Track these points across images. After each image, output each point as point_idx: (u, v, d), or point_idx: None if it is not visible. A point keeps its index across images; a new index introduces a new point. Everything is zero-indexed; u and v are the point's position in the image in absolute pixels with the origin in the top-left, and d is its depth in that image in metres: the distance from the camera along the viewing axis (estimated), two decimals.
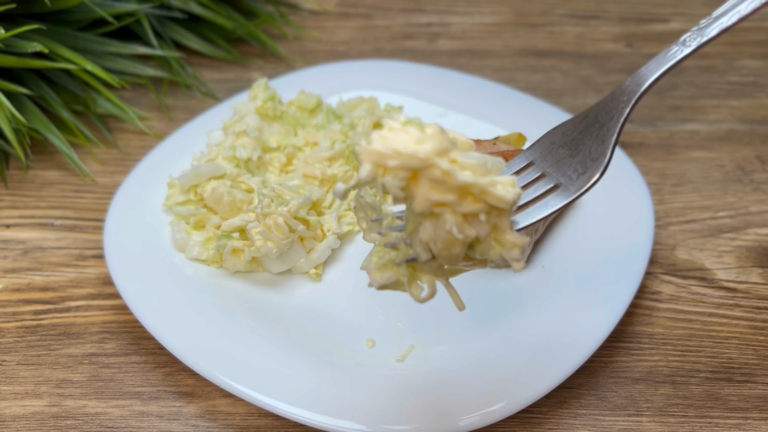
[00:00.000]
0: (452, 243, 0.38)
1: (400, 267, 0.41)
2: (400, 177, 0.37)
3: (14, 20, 0.67)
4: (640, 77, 0.41)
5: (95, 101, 0.72)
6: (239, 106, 0.66)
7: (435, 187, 0.37)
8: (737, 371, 0.54)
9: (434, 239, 0.38)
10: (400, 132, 0.38)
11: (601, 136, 0.41)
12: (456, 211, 0.37)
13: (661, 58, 0.42)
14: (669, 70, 0.41)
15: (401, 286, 0.41)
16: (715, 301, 0.58)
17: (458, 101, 0.70)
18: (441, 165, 0.37)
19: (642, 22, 0.85)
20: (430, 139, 0.37)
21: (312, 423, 0.49)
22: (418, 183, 0.37)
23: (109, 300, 0.58)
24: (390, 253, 0.41)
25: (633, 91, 0.41)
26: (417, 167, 0.37)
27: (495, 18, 0.86)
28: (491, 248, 0.39)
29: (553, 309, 0.54)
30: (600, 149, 0.41)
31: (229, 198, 0.58)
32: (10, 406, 0.52)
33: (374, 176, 0.37)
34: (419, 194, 0.37)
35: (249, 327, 0.54)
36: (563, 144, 0.42)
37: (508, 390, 0.50)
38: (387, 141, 0.37)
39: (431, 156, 0.37)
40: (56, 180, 0.68)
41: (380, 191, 0.37)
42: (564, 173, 0.42)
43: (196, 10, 0.77)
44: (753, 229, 0.63)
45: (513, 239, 0.38)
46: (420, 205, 0.37)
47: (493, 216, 0.38)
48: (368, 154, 0.37)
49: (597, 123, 0.42)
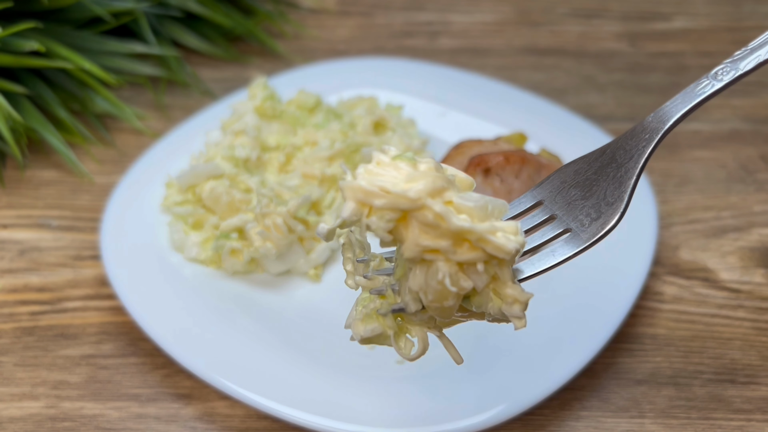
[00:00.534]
0: (445, 294, 0.34)
1: (386, 318, 0.37)
2: (387, 218, 0.33)
3: (11, 18, 0.67)
4: (664, 113, 0.38)
5: (93, 100, 0.71)
6: (238, 105, 0.65)
7: (427, 232, 0.33)
8: (740, 372, 0.53)
9: (425, 289, 0.34)
10: (390, 167, 0.34)
11: (618, 177, 0.37)
12: (450, 259, 0.33)
13: (689, 92, 0.38)
14: (697, 107, 0.37)
15: (386, 339, 0.37)
16: (718, 301, 0.58)
17: (459, 100, 0.69)
18: (434, 207, 0.32)
19: (644, 21, 0.85)
20: (422, 176, 0.33)
21: (311, 425, 0.48)
22: (407, 225, 0.33)
23: (107, 301, 0.58)
24: (375, 302, 0.37)
25: (656, 128, 0.37)
26: (407, 208, 0.33)
27: (496, 16, 0.85)
28: (490, 301, 0.35)
29: (555, 310, 0.54)
30: (617, 192, 0.37)
31: (228, 198, 0.58)
32: (6, 408, 0.52)
33: (359, 216, 0.33)
34: (409, 238, 0.33)
35: (247, 328, 0.54)
36: (575, 184, 0.38)
37: (510, 392, 0.49)
38: (374, 177, 0.33)
39: (423, 196, 0.33)
40: (53, 180, 0.67)
41: (365, 232, 0.34)
42: (575, 217, 0.37)
43: (195, 8, 0.77)
44: (756, 229, 0.62)
45: (515, 294, 0.35)
46: (409, 250, 0.33)
47: (492, 266, 0.34)
48: (352, 190, 0.33)
49: (614, 162, 0.38)
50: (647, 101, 0.74)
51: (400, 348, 0.37)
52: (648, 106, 0.74)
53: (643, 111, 0.73)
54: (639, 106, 0.74)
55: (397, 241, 0.34)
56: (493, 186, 0.55)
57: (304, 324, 0.55)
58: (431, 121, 0.68)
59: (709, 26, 0.84)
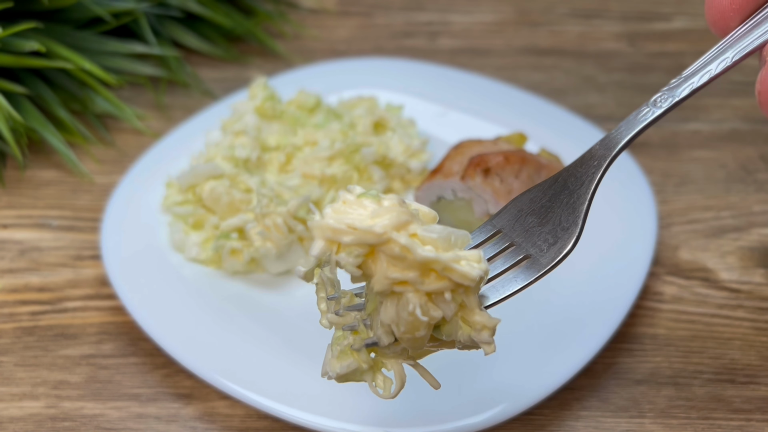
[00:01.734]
0: (416, 325, 0.35)
1: (360, 353, 0.38)
2: (355, 253, 0.35)
3: (11, 18, 0.67)
4: (610, 141, 0.39)
5: (93, 100, 0.71)
6: (238, 105, 0.65)
7: (394, 264, 0.34)
8: (740, 372, 0.53)
9: (396, 321, 0.35)
10: (355, 205, 0.35)
11: (571, 203, 0.39)
12: (419, 289, 0.35)
13: (632, 120, 0.40)
14: (640, 133, 0.39)
15: (362, 374, 0.38)
16: (718, 302, 0.58)
17: (459, 100, 0.69)
18: (399, 240, 0.34)
19: (644, 21, 0.85)
20: (387, 212, 0.35)
21: (311, 425, 0.48)
22: (375, 260, 0.35)
23: (107, 301, 0.58)
24: (348, 338, 0.38)
25: (603, 155, 0.39)
26: (374, 243, 0.34)
27: (496, 16, 0.85)
28: (459, 329, 0.36)
29: (555, 310, 0.54)
30: (571, 218, 0.39)
31: (228, 198, 0.58)
32: (6, 408, 0.52)
33: (328, 253, 0.35)
34: (378, 272, 0.35)
35: (248, 328, 0.54)
36: (531, 212, 0.40)
37: (510, 392, 0.49)
38: (341, 215, 0.35)
39: (388, 230, 0.34)
40: (53, 180, 0.67)
41: (335, 269, 0.35)
42: (534, 243, 0.39)
43: (195, 9, 0.77)
44: (756, 229, 0.62)
45: (482, 320, 0.36)
46: (379, 283, 0.35)
47: (459, 294, 0.35)
48: (321, 229, 0.35)
49: (567, 189, 0.39)
50: (647, 101, 0.74)
51: (376, 385, 0.38)
52: None
53: None
54: (639, 106, 0.74)
55: (367, 276, 0.36)
56: (492, 186, 0.55)
57: (304, 324, 0.55)
58: (431, 121, 0.68)
59: None
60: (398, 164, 0.62)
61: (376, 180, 0.62)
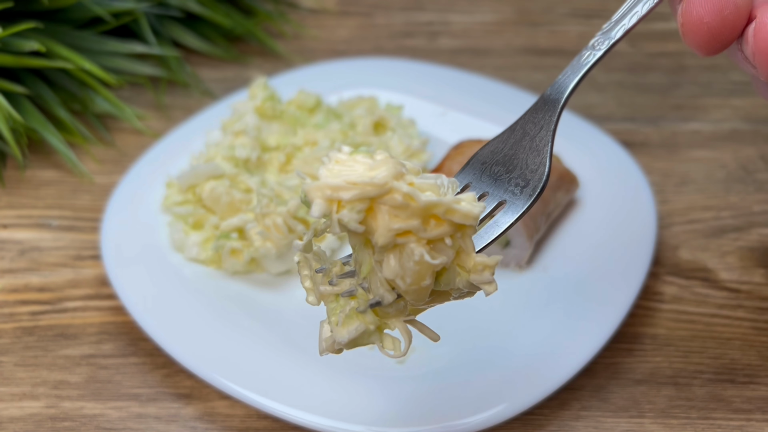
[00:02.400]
0: (422, 274, 0.36)
1: (365, 314, 0.38)
2: (357, 209, 0.34)
3: (11, 18, 0.67)
4: (561, 85, 0.42)
5: (93, 100, 0.71)
6: (238, 105, 0.65)
7: (396, 215, 0.35)
8: (740, 372, 0.53)
9: (401, 274, 0.36)
10: (348, 163, 0.35)
11: (534, 146, 0.41)
12: (421, 237, 0.35)
13: (575, 64, 0.42)
14: (586, 74, 0.42)
15: (370, 336, 0.38)
16: (718, 301, 0.58)
17: (459, 100, 0.69)
18: (401, 188, 0.34)
19: (644, 21, 0.84)
20: (382, 164, 0.35)
21: (311, 425, 0.48)
22: (375, 215, 0.35)
23: (107, 301, 0.58)
24: (350, 303, 0.38)
25: (557, 99, 0.41)
26: (375, 195, 0.34)
27: (496, 16, 0.85)
28: (457, 276, 0.37)
29: (555, 310, 0.54)
30: (537, 159, 0.40)
31: (228, 198, 0.58)
32: (6, 408, 0.52)
33: (328, 213, 0.35)
34: (380, 226, 0.35)
35: (248, 328, 0.54)
36: (495, 162, 0.41)
37: (510, 392, 0.49)
38: (336, 173, 0.35)
39: (389, 180, 0.34)
40: (53, 180, 0.67)
41: (336, 229, 0.35)
42: (505, 189, 0.40)
43: (195, 9, 0.77)
44: (756, 229, 0.62)
45: (483, 260, 0.36)
46: (382, 237, 0.35)
47: (456, 239, 0.36)
48: (318, 189, 0.34)
49: (527, 135, 0.41)
50: (647, 101, 0.74)
51: (386, 346, 0.39)
52: (648, 106, 0.74)
53: (643, 111, 0.73)
54: (639, 106, 0.74)
55: (368, 233, 0.36)
56: None
57: (304, 324, 0.54)
58: (431, 121, 0.68)
59: None
60: None
61: None
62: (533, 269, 0.57)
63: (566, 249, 0.58)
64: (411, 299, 0.37)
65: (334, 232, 0.35)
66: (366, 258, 0.37)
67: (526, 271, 0.57)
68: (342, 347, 0.38)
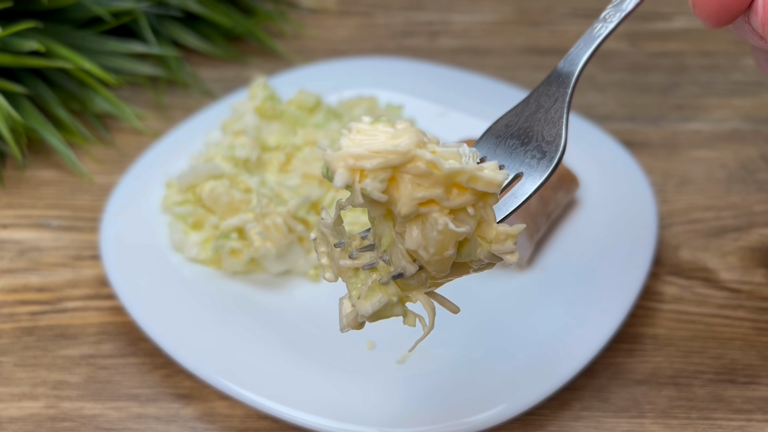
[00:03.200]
0: (445, 244, 0.36)
1: (388, 286, 0.38)
2: (380, 178, 0.34)
3: (11, 18, 0.67)
4: (573, 57, 0.42)
5: (92, 100, 0.71)
6: (238, 105, 0.65)
7: (419, 183, 0.34)
8: (741, 373, 0.53)
9: (424, 244, 0.35)
10: (369, 133, 0.35)
11: (549, 118, 0.41)
12: (444, 207, 0.35)
13: (588, 36, 0.43)
14: (599, 47, 0.42)
15: (393, 308, 0.38)
16: (718, 302, 0.57)
17: (459, 99, 0.69)
18: (425, 156, 0.34)
19: (645, 21, 0.85)
20: (404, 133, 0.35)
21: (311, 425, 0.48)
22: (397, 184, 0.35)
23: (107, 301, 0.58)
24: (372, 276, 0.38)
25: (570, 71, 0.42)
26: (398, 163, 0.34)
27: (496, 16, 0.85)
28: (478, 247, 0.37)
29: (556, 310, 0.54)
30: (553, 131, 0.41)
31: (228, 198, 0.58)
32: (6, 408, 0.52)
33: (350, 183, 0.34)
34: (403, 195, 0.35)
35: (247, 328, 0.54)
36: (510, 135, 0.42)
37: (510, 392, 0.49)
38: (358, 143, 0.35)
39: (412, 148, 0.34)
40: (53, 179, 0.67)
41: (359, 199, 0.35)
42: (522, 162, 0.41)
43: (194, 8, 0.77)
44: (757, 229, 0.62)
45: (505, 230, 0.36)
46: (405, 206, 0.35)
47: (478, 209, 0.36)
48: (341, 158, 0.34)
49: (541, 108, 0.42)
50: (648, 101, 0.74)
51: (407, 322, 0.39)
52: (648, 106, 0.74)
53: (643, 111, 0.73)
54: (639, 105, 0.74)
55: (390, 203, 0.35)
56: None
57: (304, 324, 0.55)
58: (431, 121, 0.68)
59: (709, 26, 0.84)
60: None
61: None
62: (533, 269, 0.57)
63: (566, 249, 0.58)
64: (433, 270, 0.37)
65: (357, 202, 0.35)
66: (386, 231, 0.37)
67: (527, 271, 0.57)
68: (365, 320, 0.38)
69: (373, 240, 0.39)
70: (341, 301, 0.39)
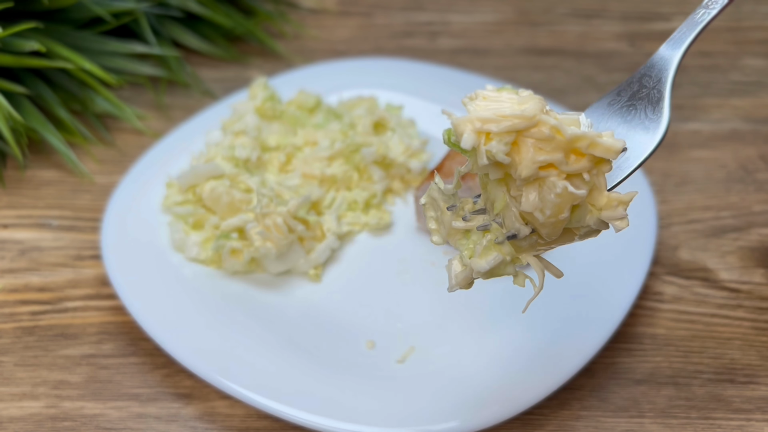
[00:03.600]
0: (562, 207, 0.37)
1: (503, 246, 0.40)
2: (505, 141, 0.37)
3: (12, 18, 0.67)
4: (676, 41, 0.44)
5: (93, 100, 0.71)
6: (238, 105, 0.65)
7: (541, 147, 0.37)
8: (740, 372, 0.53)
9: (541, 206, 0.38)
10: (494, 99, 0.38)
11: (651, 98, 0.43)
12: (561, 171, 0.37)
13: (690, 21, 0.44)
14: (701, 32, 0.44)
15: (506, 267, 0.41)
16: (717, 301, 0.58)
17: (459, 100, 0.69)
18: (549, 121, 0.36)
19: (644, 21, 0.85)
20: (529, 99, 0.37)
21: (311, 425, 0.48)
22: (519, 148, 0.37)
23: (107, 301, 0.58)
24: (487, 236, 0.40)
25: (672, 55, 0.43)
26: (523, 127, 0.36)
27: (496, 16, 0.85)
28: (588, 213, 0.39)
29: (555, 310, 0.54)
30: (656, 109, 0.42)
31: (228, 198, 0.58)
32: (7, 408, 0.52)
33: (476, 145, 0.37)
34: (524, 158, 0.37)
35: (248, 328, 0.54)
36: (612, 114, 0.43)
37: (510, 391, 0.49)
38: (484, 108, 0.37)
39: (538, 113, 0.36)
40: (54, 179, 0.67)
41: (483, 161, 0.37)
42: (625, 137, 0.42)
43: (195, 9, 0.77)
44: (756, 229, 0.62)
45: (617, 197, 0.38)
46: (526, 169, 0.37)
47: (593, 175, 0.38)
48: (468, 122, 0.37)
49: (644, 88, 0.43)
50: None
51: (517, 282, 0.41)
52: None
53: None
54: None
55: (509, 166, 0.37)
56: None
57: (304, 324, 0.55)
58: (431, 121, 0.68)
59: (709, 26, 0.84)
60: (398, 164, 0.62)
61: (376, 180, 0.62)
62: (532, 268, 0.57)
63: (566, 249, 0.58)
64: (545, 233, 0.39)
65: (481, 163, 0.37)
66: (499, 195, 0.39)
67: (526, 270, 0.57)
68: (479, 277, 0.41)
69: (483, 205, 0.41)
70: (451, 262, 0.41)
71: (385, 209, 0.62)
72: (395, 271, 0.58)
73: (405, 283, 0.57)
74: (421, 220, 0.60)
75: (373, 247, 0.60)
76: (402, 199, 0.64)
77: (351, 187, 0.62)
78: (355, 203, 0.61)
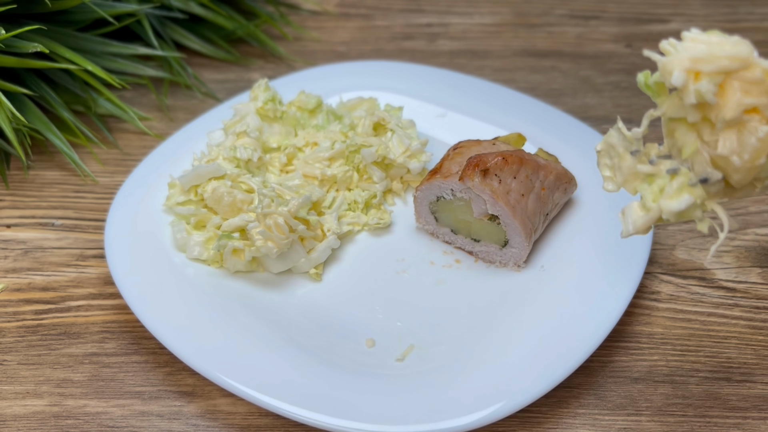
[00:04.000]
0: (761, 152, 0.37)
1: (695, 188, 0.40)
2: (715, 81, 0.36)
3: (15, 20, 0.68)
4: None
5: (96, 101, 0.72)
6: (240, 107, 0.66)
7: (749, 91, 0.37)
8: (736, 371, 0.54)
9: (739, 151, 0.37)
10: (701, 41, 0.37)
11: None
12: (764, 116, 0.37)
13: None
14: None
15: (695, 210, 0.40)
16: (714, 300, 0.58)
17: (458, 101, 0.70)
18: (762, 63, 0.36)
19: (641, 23, 0.85)
20: (740, 42, 0.37)
21: (312, 422, 0.49)
22: (724, 90, 0.37)
23: (110, 300, 0.58)
24: (678, 179, 0.40)
25: None
26: (735, 69, 0.36)
27: (494, 18, 0.86)
28: None
29: (553, 309, 0.54)
30: None
31: (230, 198, 0.58)
32: (10, 406, 0.52)
33: (686, 84, 0.37)
34: (730, 100, 0.37)
35: (249, 327, 0.54)
36: None
37: (508, 389, 0.50)
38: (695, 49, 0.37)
39: (751, 55, 0.36)
40: (57, 180, 0.68)
41: (690, 99, 0.37)
42: None
43: (197, 11, 0.77)
44: (752, 229, 0.63)
45: None
46: (731, 111, 0.37)
47: None
48: (679, 61, 0.37)
49: None
50: (644, 103, 0.75)
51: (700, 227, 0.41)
52: (645, 108, 0.74)
53: (639, 112, 0.74)
54: (635, 107, 0.75)
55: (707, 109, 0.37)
56: (491, 186, 0.55)
57: (305, 322, 0.55)
58: (431, 122, 0.68)
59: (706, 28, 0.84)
60: (398, 165, 0.63)
61: (376, 180, 0.63)
62: (531, 269, 0.58)
63: (564, 248, 0.59)
64: (737, 178, 0.39)
65: (687, 102, 0.37)
66: (689, 140, 0.39)
67: (524, 270, 0.58)
68: (669, 218, 0.40)
69: (668, 151, 0.41)
70: (629, 206, 0.41)
71: (385, 209, 0.63)
72: (395, 271, 0.59)
73: (405, 283, 0.58)
74: (421, 219, 0.61)
75: (373, 246, 0.61)
76: (402, 199, 0.64)
77: (351, 188, 0.63)
78: (356, 203, 0.62)
